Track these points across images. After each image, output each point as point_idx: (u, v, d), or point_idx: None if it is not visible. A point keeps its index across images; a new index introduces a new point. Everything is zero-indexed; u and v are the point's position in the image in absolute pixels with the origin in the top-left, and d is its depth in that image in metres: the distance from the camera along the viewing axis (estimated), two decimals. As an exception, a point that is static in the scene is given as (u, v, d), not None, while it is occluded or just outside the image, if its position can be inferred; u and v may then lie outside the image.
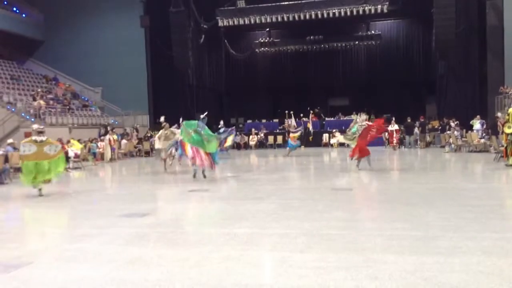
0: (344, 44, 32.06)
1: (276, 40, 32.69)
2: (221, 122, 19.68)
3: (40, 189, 10.35)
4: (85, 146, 19.55)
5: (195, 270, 4.52)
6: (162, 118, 14.65)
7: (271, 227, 6.32)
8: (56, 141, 11.47)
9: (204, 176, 12.45)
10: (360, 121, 13.40)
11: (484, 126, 20.14)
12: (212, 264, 4.67)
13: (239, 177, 13.03)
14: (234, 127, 21.55)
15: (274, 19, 26.62)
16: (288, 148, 19.84)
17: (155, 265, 4.71)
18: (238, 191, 10.02)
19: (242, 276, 4.30)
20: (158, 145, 14.99)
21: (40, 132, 10.43)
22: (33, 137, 10.43)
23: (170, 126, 14.89)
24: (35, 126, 10.97)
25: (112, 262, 4.89)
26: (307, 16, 25.86)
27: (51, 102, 25.40)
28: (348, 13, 25.29)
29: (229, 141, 19.26)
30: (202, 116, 12.70)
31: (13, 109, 22.72)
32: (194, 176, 12.51)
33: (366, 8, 24.95)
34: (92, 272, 4.60)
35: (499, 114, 16.04)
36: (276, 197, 8.98)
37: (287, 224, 6.46)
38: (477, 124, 20.36)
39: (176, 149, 13.50)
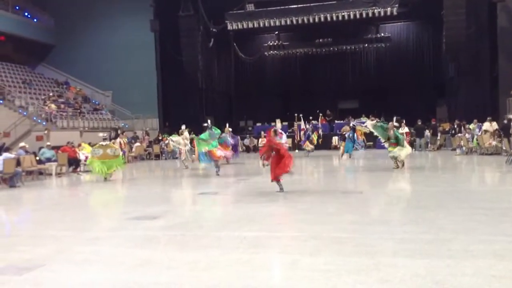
0: (353, 47, 31.96)
1: (285, 43, 32.68)
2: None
3: (106, 178, 13.89)
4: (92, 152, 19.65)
5: (205, 273, 4.53)
6: (183, 127, 17.05)
7: (281, 230, 6.32)
8: (115, 145, 15.56)
9: (217, 174, 13.74)
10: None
11: (481, 130, 19.91)
12: (222, 267, 4.68)
13: (249, 180, 13.03)
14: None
15: (283, 22, 26.61)
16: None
17: (165, 268, 4.73)
18: (247, 194, 10.01)
19: (252, 279, 4.31)
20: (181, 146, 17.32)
21: (104, 139, 14.66)
22: (100, 143, 14.42)
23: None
24: (100, 134, 15.59)
25: (123, 264, 4.92)
26: (316, 19, 25.81)
27: (62, 106, 25.63)
28: (358, 15, 25.20)
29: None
30: (207, 125, 14.63)
31: (24, 113, 22.96)
32: (217, 173, 13.84)
33: (375, 10, 24.84)
34: (103, 275, 4.63)
35: (511, 116, 15.87)
36: (285, 200, 8.96)
37: (296, 227, 6.45)
38: (475, 129, 20.18)
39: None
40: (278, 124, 11.23)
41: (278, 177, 9.65)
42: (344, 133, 19.58)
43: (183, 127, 17.19)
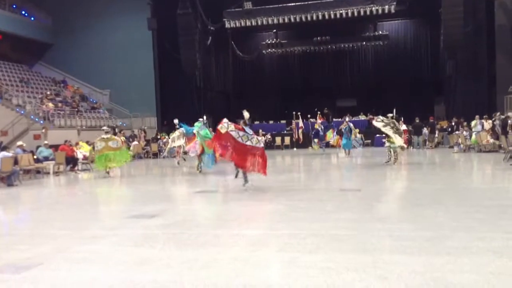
0: (351, 45, 31.98)
1: (283, 41, 32.65)
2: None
3: (108, 172, 14.50)
4: (93, 148, 19.64)
5: (203, 271, 4.53)
6: (176, 121, 16.73)
7: (280, 228, 6.31)
8: (117, 137, 15.66)
9: (199, 171, 14.35)
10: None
11: (484, 127, 19.92)
12: (220, 265, 4.67)
13: (247, 178, 13.00)
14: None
15: (281, 20, 26.63)
16: None
17: (164, 266, 4.72)
18: (245, 192, 10.01)
19: (251, 277, 4.30)
20: (175, 143, 17.05)
21: (106, 132, 14.72)
22: (102, 136, 14.60)
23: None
24: (104, 128, 15.63)
25: (121, 263, 4.91)
26: (314, 17, 25.83)
27: (59, 104, 25.59)
28: (356, 13, 25.23)
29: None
30: (202, 120, 14.61)
31: (22, 112, 22.92)
32: (200, 170, 14.43)
33: (373, 8, 24.87)
34: (102, 274, 4.62)
35: (510, 114, 15.90)
36: (284, 198, 8.95)
37: (295, 225, 6.44)
38: (477, 125, 20.19)
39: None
40: (246, 114, 11.13)
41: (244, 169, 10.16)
42: (341, 128, 19.69)
43: (176, 121, 16.80)
